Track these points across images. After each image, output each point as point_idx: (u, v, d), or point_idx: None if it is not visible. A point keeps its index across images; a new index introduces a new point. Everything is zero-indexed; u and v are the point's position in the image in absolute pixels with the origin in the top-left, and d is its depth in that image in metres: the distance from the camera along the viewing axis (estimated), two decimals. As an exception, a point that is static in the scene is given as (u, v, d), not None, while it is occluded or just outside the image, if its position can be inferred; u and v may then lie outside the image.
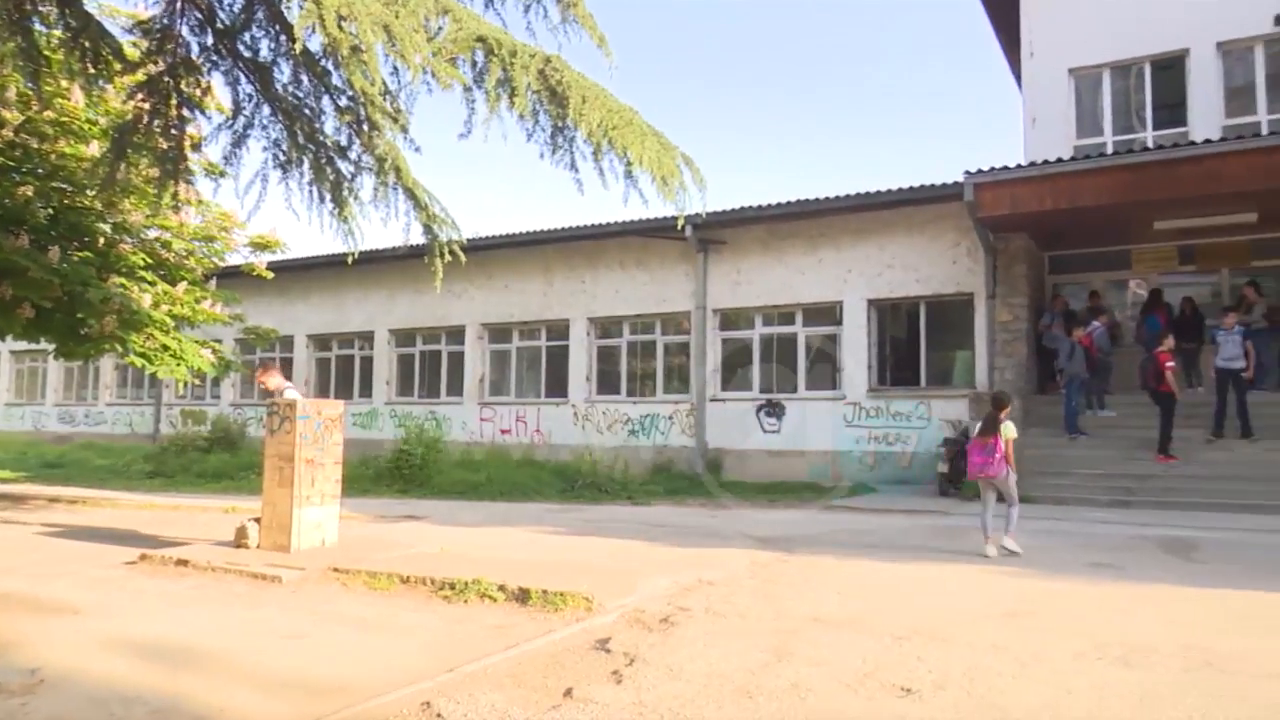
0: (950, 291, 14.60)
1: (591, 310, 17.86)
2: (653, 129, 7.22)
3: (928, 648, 4.42)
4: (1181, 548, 7.76)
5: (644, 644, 4.57)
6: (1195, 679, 3.87)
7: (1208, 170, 11.62)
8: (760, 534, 8.72)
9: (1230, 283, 14.13)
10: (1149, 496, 10.82)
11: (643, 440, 16.95)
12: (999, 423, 7.64)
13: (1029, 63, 16.36)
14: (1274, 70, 14.71)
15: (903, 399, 14.75)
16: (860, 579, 6.35)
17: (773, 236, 16.06)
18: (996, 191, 12.74)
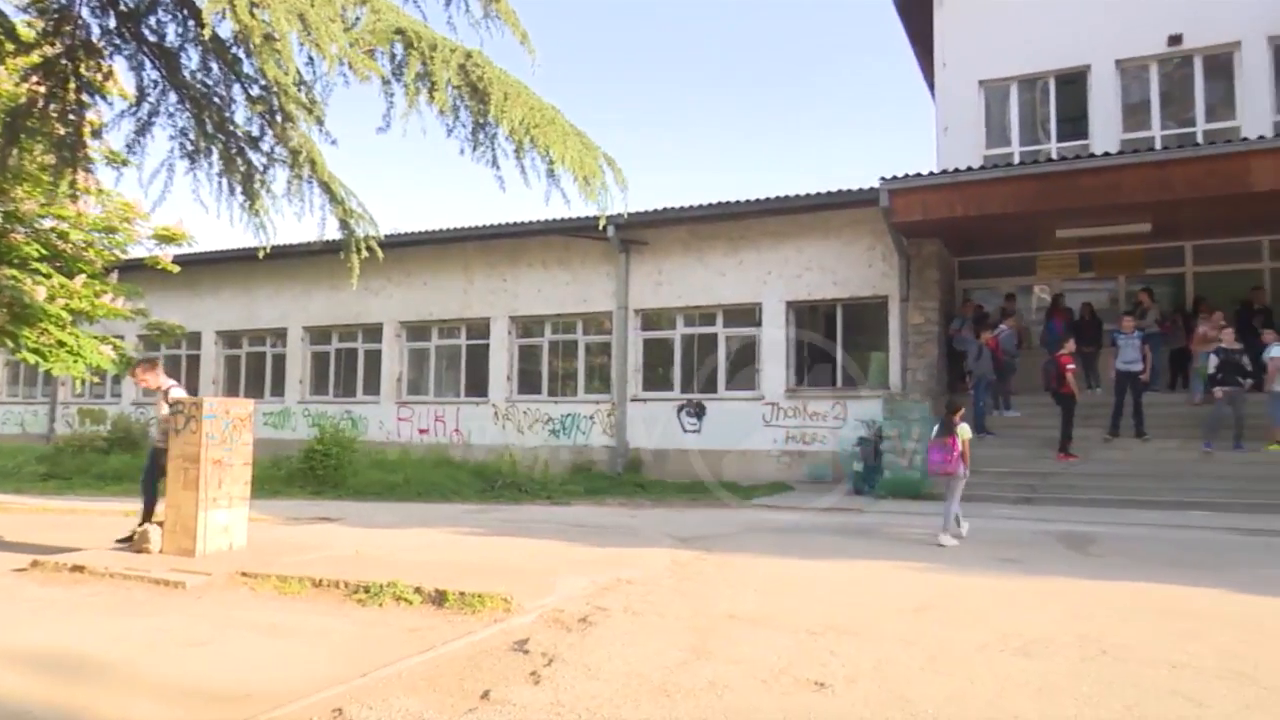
0: (866, 294, 14.96)
1: (513, 309, 17.72)
2: (575, 128, 7.20)
3: (841, 642, 4.51)
4: (1080, 542, 8.11)
5: (562, 644, 4.55)
6: (1090, 667, 4.04)
7: (1106, 182, 12.18)
8: (680, 533, 8.78)
9: (1126, 289, 14.86)
10: (1051, 493, 11.28)
11: (564, 440, 16.90)
12: (955, 425, 8.39)
13: (941, 73, 16.89)
14: (1167, 88, 15.51)
15: (819, 399, 15.05)
16: (777, 576, 6.45)
17: (694, 238, 16.19)
18: (910, 198, 13.11)
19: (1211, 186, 11.66)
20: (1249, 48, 14.82)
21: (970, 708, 3.53)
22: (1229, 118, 14.94)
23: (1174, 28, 15.20)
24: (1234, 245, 14.17)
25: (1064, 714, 3.45)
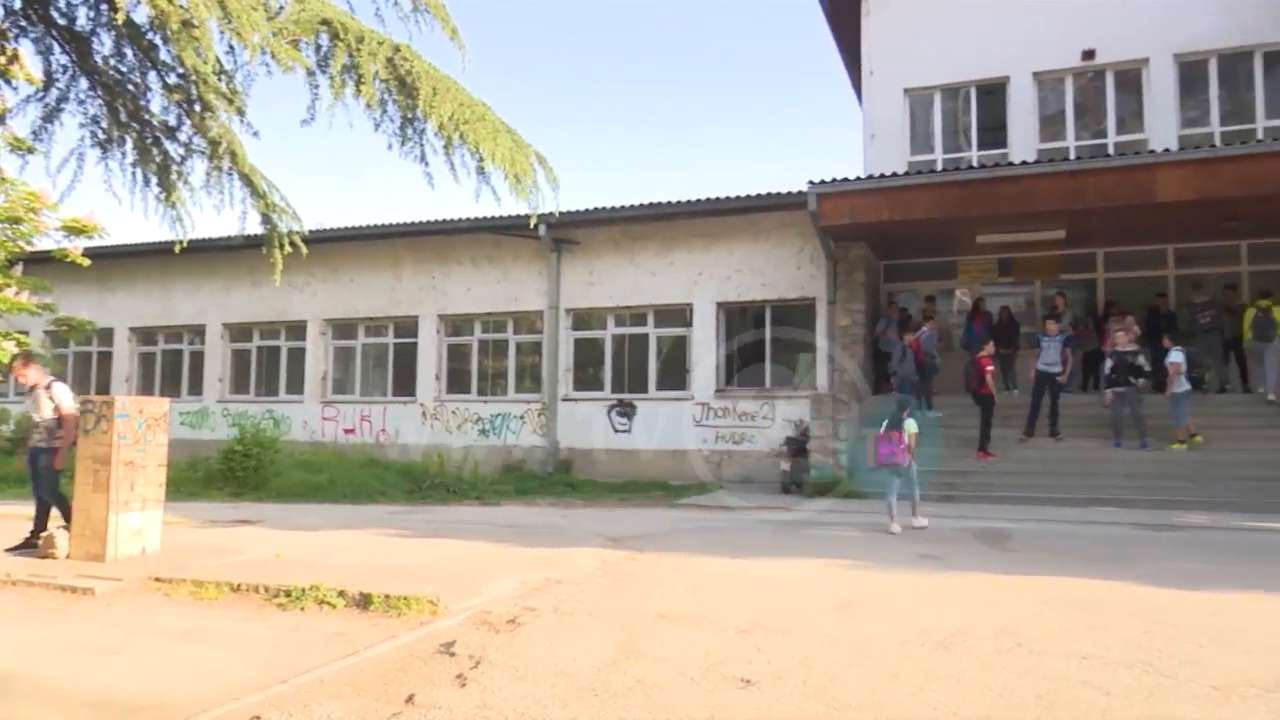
0: (794, 296, 15.19)
1: (442, 307, 17.49)
2: (506, 125, 7.14)
3: (768, 640, 4.56)
4: (997, 538, 8.37)
5: (490, 646, 4.51)
6: (1006, 660, 4.17)
7: (1024, 190, 12.60)
8: (610, 533, 8.78)
9: (1042, 294, 15.39)
10: (971, 491, 11.62)
11: (493, 440, 16.76)
12: (902, 420, 9.09)
13: (868, 80, 17.24)
14: (1081, 100, 16.12)
15: (749, 399, 15.23)
16: (706, 575, 6.50)
17: (626, 238, 16.22)
18: (837, 202, 13.35)
19: (1121, 196, 12.16)
20: (1156, 65, 15.50)
21: (892, 701, 3.61)
22: (1138, 130, 15.60)
23: (1088, 43, 15.81)
24: (1141, 253, 14.81)
25: (980, 705, 3.55)
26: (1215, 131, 15.15)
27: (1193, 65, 15.50)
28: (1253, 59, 15.24)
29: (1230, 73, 15.37)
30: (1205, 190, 11.80)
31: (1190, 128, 15.35)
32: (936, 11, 16.88)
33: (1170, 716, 3.40)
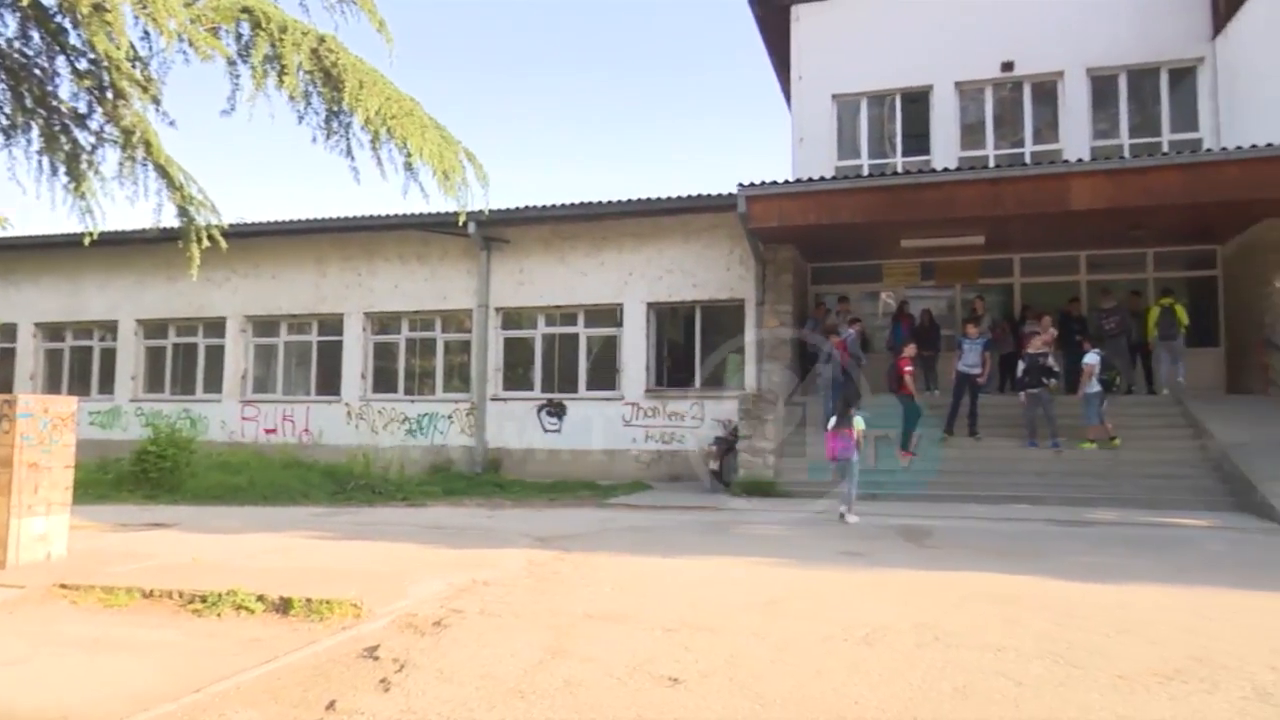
0: (724, 297, 15.34)
1: (368, 304, 17.17)
2: (435, 121, 7.04)
3: (695, 638, 4.60)
4: (918, 535, 8.59)
5: (415, 649, 4.44)
6: (925, 654, 4.28)
7: (946, 196, 12.96)
8: (539, 533, 8.73)
9: (962, 297, 15.85)
10: (893, 489, 11.88)
11: (421, 440, 16.51)
12: (851, 417, 9.66)
13: (797, 85, 17.53)
14: (1000, 111, 16.67)
15: (678, 400, 15.32)
16: (635, 574, 6.51)
17: (556, 237, 16.16)
18: (766, 204, 13.53)
19: (1037, 204, 12.60)
20: (1070, 78, 16.13)
21: (815, 696, 3.67)
22: (1053, 141, 16.20)
23: (1007, 55, 16.36)
24: (1056, 259, 15.37)
25: (899, 698, 3.63)
26: (1124, 144, 15.83)
27: (1104, 80, 16.17)
28: (1159, 75, 15.97)
29: (1139, 87, 16.08)
30: (1114, 200, 12.31)
31: (1102, 139, 16.01)
32: (863, 20, 17.25)
33: (1078, 705, 3.53)
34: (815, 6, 17.55)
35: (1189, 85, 15.83)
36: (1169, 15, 15.78)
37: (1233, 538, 8.52)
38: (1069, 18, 16.14)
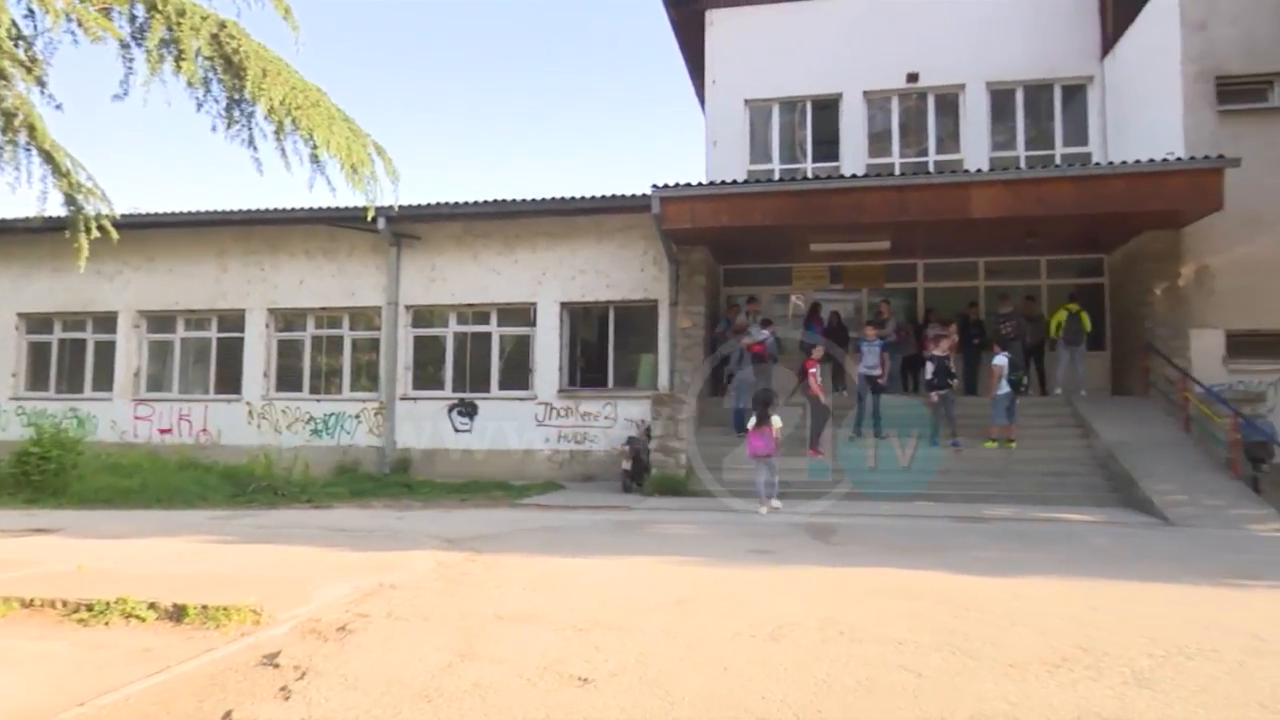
0: (638, 298, 15.40)
1: (272, 300, 16.63)
2: (343, 113, 6.87)
3: (606, 638, 4.59)
4: (824, 533, 8.78)
5: (318, 655, 4.32)
6: (830, 648, 4.38)
7: (854, 202, 13.30)
8: (449, 534, 8.59)
9: (869, 300, 16.29)
10: (802, 488, 12.11)
11: (326, 440, 16.09)
12: (769, 417, 10.44)
13: (711, 89, 17.73)
14: (905, 120, 17.20)
15: (591, 399, 15.31)
16: (546, 575, 6.47)
17: (469, 235, 15.96)
18: (680, 206, 13.65)
19: (939, 211, 13.06)
20: (971, 90, 16.76)
21: (724, 692, 3.72)
22: (955, 150, 16.81)
23: (912, 67, 16.90)
24: (956, 264, 15.95)
25: (805, 692, 3.71)
26: (1021, 155, 16.55)
27: (1003, 93, 16.86)
28: (1053, 90, 16.74)
29: (1034, 102, 16.83)
30: (1011, 209, 12.85)
31: (1000, 150, 16.69)
32: (776, 27, 17.57)
33: (974, 694, 3.66)
34: (729, 12, 17.79)
35: (1080, 101, 16.64)
36: (1062, 35, 16.56)
37: (1116, 532, 8.99)
38: (970, 33, 16.78)
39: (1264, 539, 8.57)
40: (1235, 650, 4.32)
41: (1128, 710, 3.47)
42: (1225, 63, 13.73)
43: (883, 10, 17.17)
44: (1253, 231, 13.50)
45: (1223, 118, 13.66)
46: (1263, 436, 11.07)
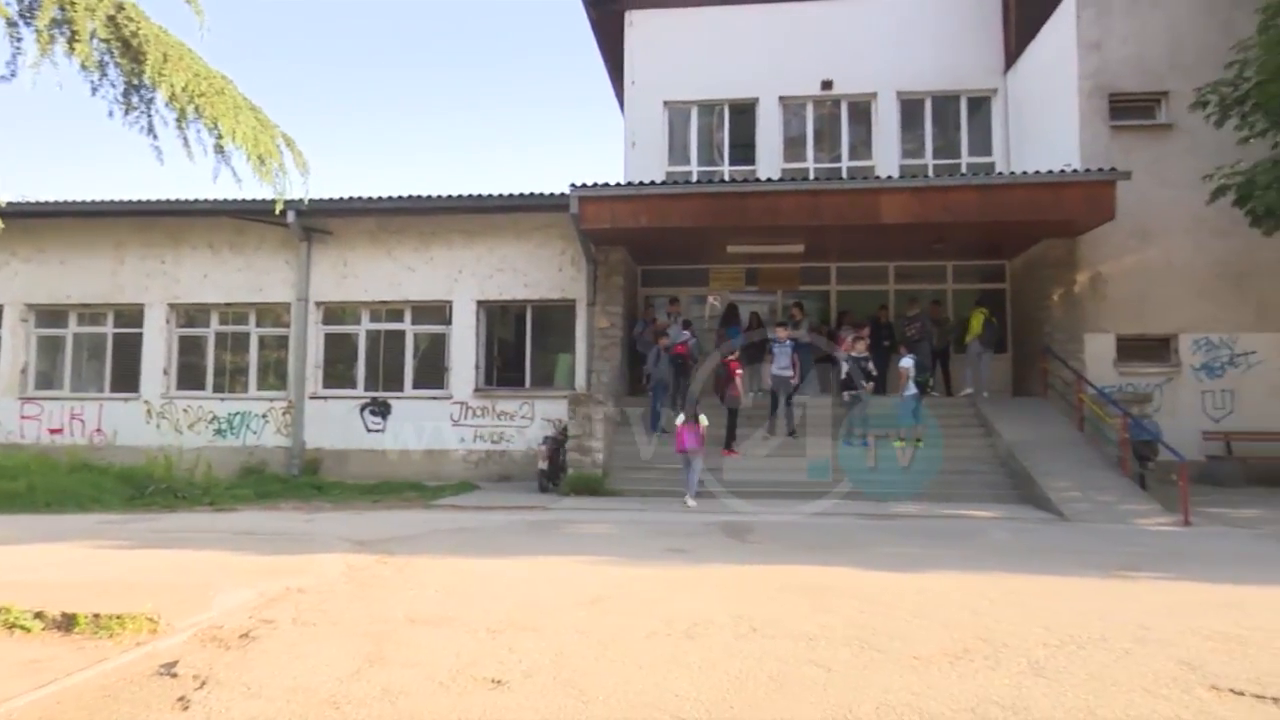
0: (556, 297, 15.33)
1: (173, 295, 15.98)
2: (250, 103, 6.63)
3: (520, 639, 4.56)
4: (740, 531, 8.89)
5: (219, 663, 4.16)
6: (743, 645, 4.44)
7: (769, 205, 13.52)
8: (360, 537, 8.40)
9: (783, 302, 16.58)
10: (718, 487, 12.25)
11: (231, 440, 15.54)
12: (698, 415, 11.26)
13: (631, 90, 17.79)
14: (820, 126, 17.58)
15: (508, 399, 15.18)
16: (459, 576, 6.39)
17: (383, 231, 15.63)
18: (598, 206, 13.65)
19: (851, 216, 13.38)
20: (883, 99, 17.24)
21: (638, 691, 3.73)
22: (867, 157, 17.26)
23: (827, 74, 17.29)
24: (868, 268, 16.37)
25: (718, 689, 3.75)
26: (929, 164, 17.09)
27: (912, 103, 17.39)
28: (960, 102, 17.34)
29: (942, 112, 17.40)
30: (919, 215, 13.25)
31: (909, 158, 17.20)
32: (694, 30, 17.73)
33: (880, 687, 3.76)
34: (649, 14, 17.88)
35: (985, 113, 17.29)
36: (969, 49, 17.17)
37: (1015, 527, 9.36)
38: (882, 44, 17.26)
39: (1150, 533, 9.05)
40: (1123, 639, 4.55)
41: (1023, 698, 3.62)
42: (1118, 80, 14.45)
43: (799, 18, 17.51)
44: (1142, 242, 14.25)
45: (1115, 133, 14.38)
46: (1149, 436, 11.66)
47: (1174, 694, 3.67)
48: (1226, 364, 14.14)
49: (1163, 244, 14.24)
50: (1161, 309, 14.25)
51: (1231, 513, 10.53)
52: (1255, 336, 14.08)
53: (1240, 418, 13.99)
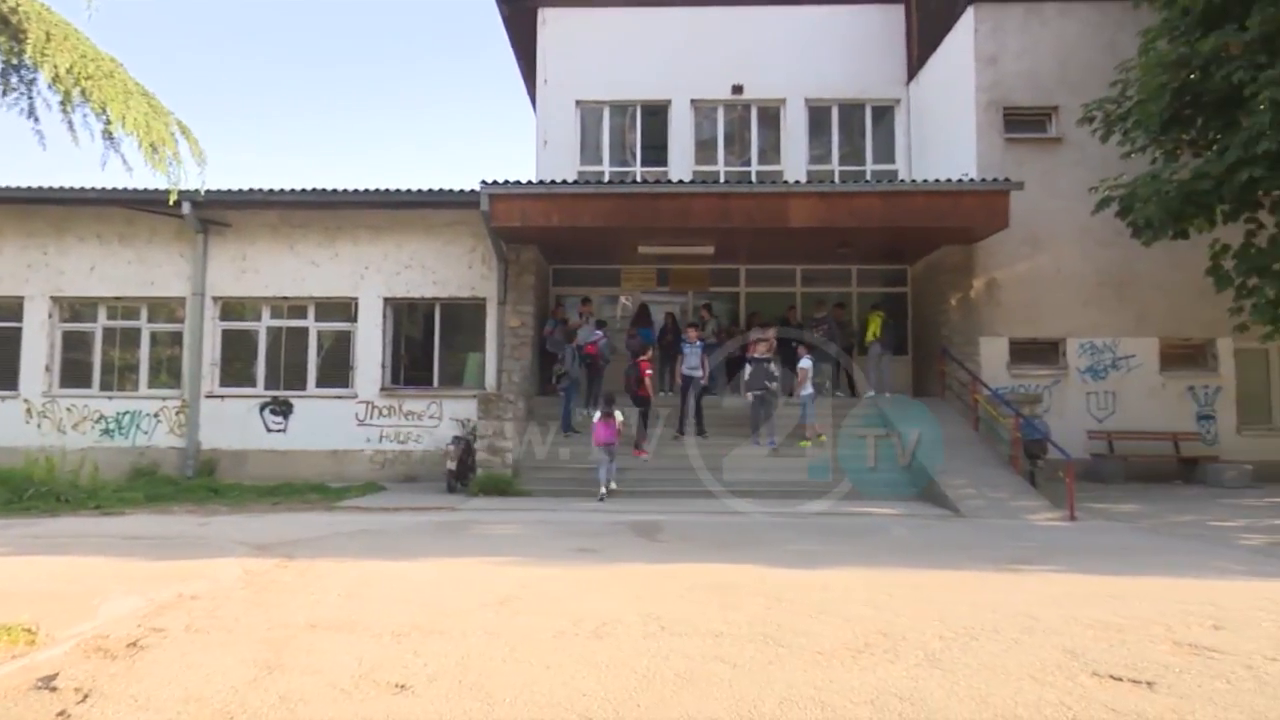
0: (465, 295, 15.12)
1: (57, 288, 15.13)
2: (142, 87, 6.33)
3: (425, 642, 4.48)
4: (649, 530, 8.94)
5: (104, 675, 3.96)
6: (651, 643, 4.47)
7: (680, 207, 13.64)
8: (259, 540, 8.12)
9: (694, 303, 16.76)
10: (628, 486, 12.30)
11: (120, 441, 14.81)
12: (614, 411, 11.75)
13: (543, 88, 17.70)
14: (730, 130, 17.84)
15: (415, 398, 14.90)
16: (364, 580, 6.24)
17: (286, 224, 15.14)
18: (510, 204, 13.53)
19: (761, 219, 13.61)
20: (791, 105, 17.60)
21: (545, 692, 3.71)
22: (776, 162, 17.59)
23: (738, 79, 17.56)
24: (776, 271, 16.68)
25: (626, 688, 3.76)
26: (835, 169, 17.54)
27: (820, 110, 17.82)
28: (865, 110, 17.84)
29: (848, 120, 17.88)
30: (825, 219, 13.58)
31: (817, 164, 17.62)
32: (607, 30, 17.77)
33: (784, 682, 3.84)
34: (562, 11, 17.82)
35: (889, 122, 17.83)
36: (874, 59, 17.69)
37: (914, 524, 9.68)
38: (791, 51, 17.63)
39: (1039, 527, 9.48)
40: (1013, 629, 4.75)
41: (920, 689, 3.74)
42: (1012, 94, 15.11)
43: (711, 22, 17.72)
44: (1033, 249, 14.93)
45: (1010, 144, 15.03)
46: (1039, 435, 12.22)
47: (1059, 681, 3.86)
48: (1109, 367, 14.94)
49: (1053, 252, 14.95)
50: (1051, 314, 14.96)
51: (1113, 508, 11.13)
52: (1135, 341, 14.93)
53: (1121, 418, 14.81)
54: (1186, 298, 14.70)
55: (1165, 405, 14.84)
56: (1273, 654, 4.30)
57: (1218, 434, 14.82)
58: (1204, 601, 5.49)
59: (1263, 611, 5.23)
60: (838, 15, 17.79)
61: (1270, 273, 12.03)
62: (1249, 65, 11.01)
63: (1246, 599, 5.59)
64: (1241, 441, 14.78)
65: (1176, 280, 14.69)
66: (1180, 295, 14.76)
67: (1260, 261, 12.14)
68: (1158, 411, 14.79)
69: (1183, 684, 3.82)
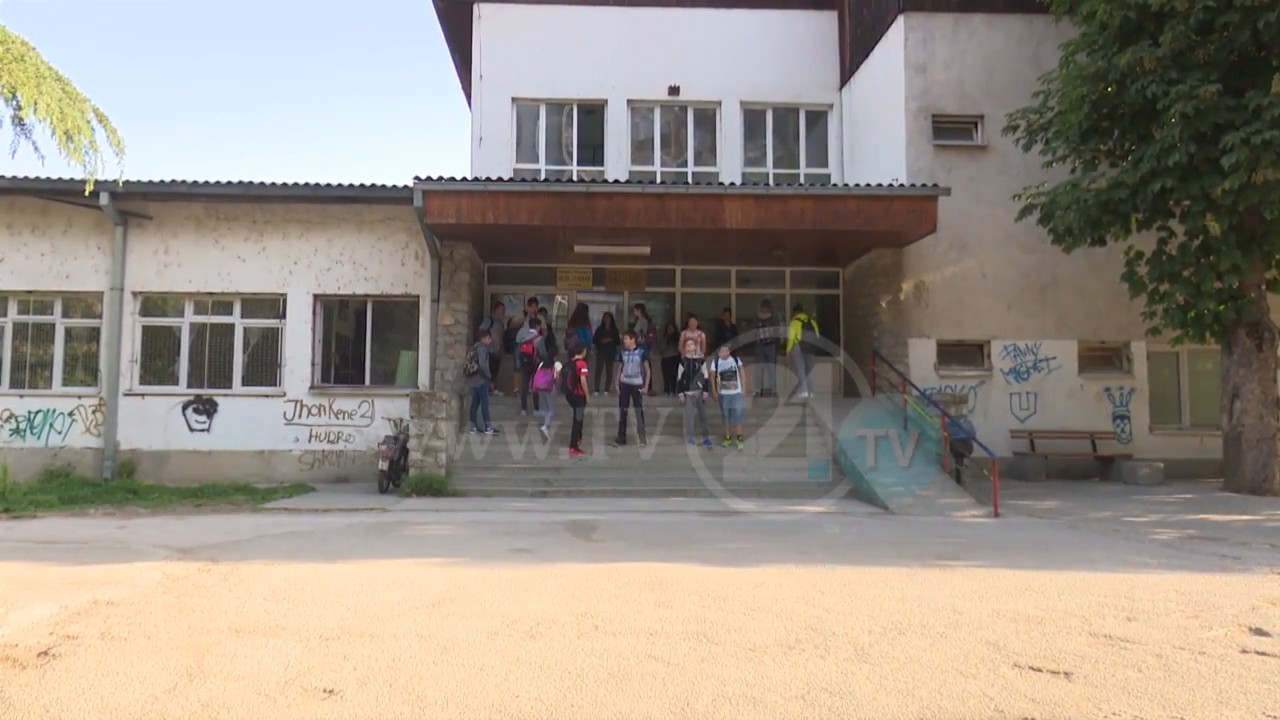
0: (398, 292, 14.88)
1: (-37, 281, 14.43)
2: (57, 72, 6.08)
3: (355, 645, 4.40)
4: (584, 530, 8.93)
5: (12, 685, 3.79)
6: (585, 642, 4.47)
7: (616, 206, 13.64)
8: (181, 544, 7.88)
9: (630, 303, 16.79)
10: (564, 486, 12.27)
11: (32, 441, 14.20)
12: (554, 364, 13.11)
13: (479, 85, 17.54)
14: (667, 131, 17.92)
15: (346, 397, 14.62)
16: (291, 583, 6.10)
17: (211, 217, 14.71)
18: (444, 201, 13.37)
19: (696, 220, 13.70)
20: (727, 108, 17.76)
21: (478, 693, 3.68)
22: (712, 163, 17.73)
23: (674, 80, 17.65)
24: (712, 272, 16.82)
25: (560, 688, 3.75)
26: (770, 172, 17.75)
27: (755, 113, 18.01)
28: (799, 114, 18.10)
29: (782, 124, 18.11)
30: (760, 221, 13.74)
31: (752, 166, 17.81)
32: (544, 28, 17.69)
33: (717, 678, 3.87)
34: (498, 7, 17.68)
35: (822, 126, 18.12)
36: (808, 64, 17.96)
37: (845, 521, 9.85)
38: (727, 54, 17.79)
39: (965, 524, 9.74)
40: (939, 624, 4.88)
41: (849, 683, 3.82)
42: (940, 102, 15.49)
43: (648, 23, 17.78)
44: (960, 254, 15.34)
45: (938, 151, 15.41)
46: (965, 434, 12.55)
47: (982, 673, 3.97)
48: (1031, 368, 15.44)
49: (978, 256, 15.38)
50: (977, 316, 15.39)
51: (1034, 504, 11.50)
52: (1056, 343, 15.45)
53: (1042, 417, 15.32)
54: (1104, 302, 15.29)
55: (1083, 405, 15.40)
56: (1181, 643, 4.49)
57: (1132, 433, 15.44)
58: (1119, 594, 5.71)
59: (1173, 603, 5.47)
60: (773, 20, 18.02)
61: (1181, 279, 12.58)
62: (1161, 80, 11.50)
63: (1158, 591, 5.84)
64: (1154, 440, 15.42)
65: (1095, 285, 15.28)
66: (1098, 300, 15.35)
67: (1171, 268, 12.69)
68: (1076, 411, 15.34)
69: (1098, 673, 3.97)
